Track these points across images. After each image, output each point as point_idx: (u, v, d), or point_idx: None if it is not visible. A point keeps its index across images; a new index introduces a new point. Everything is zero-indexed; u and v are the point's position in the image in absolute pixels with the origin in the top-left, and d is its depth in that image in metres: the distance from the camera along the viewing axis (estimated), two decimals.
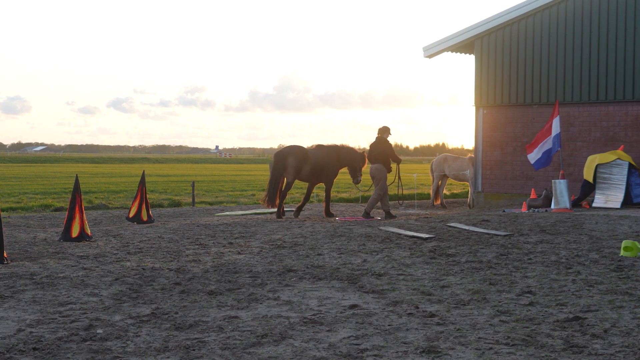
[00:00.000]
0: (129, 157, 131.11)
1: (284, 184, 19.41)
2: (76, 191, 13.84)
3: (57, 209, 23.66)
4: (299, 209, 19.68)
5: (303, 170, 19.39)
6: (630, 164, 20.51)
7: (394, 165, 19.97)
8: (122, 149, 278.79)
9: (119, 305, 7.94)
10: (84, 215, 13.74)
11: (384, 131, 19.67)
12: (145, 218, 17.35)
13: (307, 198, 20.16)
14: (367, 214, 18.85)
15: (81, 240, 13.36)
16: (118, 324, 7.08)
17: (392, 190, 21.49)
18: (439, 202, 26.36)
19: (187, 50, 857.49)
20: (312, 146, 20.25)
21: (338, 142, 20.27)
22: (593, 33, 22.86)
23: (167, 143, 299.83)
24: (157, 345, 6.33)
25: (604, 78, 22.65)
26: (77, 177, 14.34)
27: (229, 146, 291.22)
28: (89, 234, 13.69)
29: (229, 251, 11.99)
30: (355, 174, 20.02)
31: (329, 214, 19.35)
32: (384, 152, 19.33)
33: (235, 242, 13.14)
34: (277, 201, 19.20)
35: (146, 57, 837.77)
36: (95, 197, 30.06)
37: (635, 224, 14.66)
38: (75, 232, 13.48)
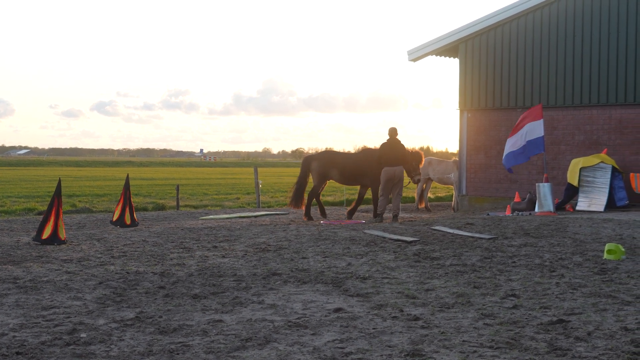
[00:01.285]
0: (113, 161, 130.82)
1: (313, 187, 20.47)
2: (57, 194, 13.78)
3: (40, 213, 23.54)
4: (352, 212, 20.48)
5: (332, 174, 20.30)
6: (613, 168, 20.61)
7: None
8: (106, 152, 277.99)
9: (102, 309, 7.90)
10: (61, 219, 13.65)
11: (396, 132, 19.55)
12: (128, 222, 17.31)
13: (359, 201, 20.82)
14: (395, 217, 18.97)
15: (52, 243, 13.30)
16: (102, 328, 7.05)
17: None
18: (423, 205, 26.38)
19: (171, 53, 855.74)
20: (358, 149, 20.92)
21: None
22: (577, 37, 22.96)
23: (151, 146, 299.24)
24: (141, 349, 6.31)
25: (588, 82, 22.75)
26: (59, 180, 14.28)
27: (213, 149, 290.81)
28: (63, 238, 13.60)
29: (214, 255, 11.97)
30: (411, 173, 20.01)
31: (375, 215, 19.49)
32: (403, 154, 19.30)
33: (220, 245, 13.11)
34: (304, 203, 20.46)
35: (130, 60, 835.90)
36: (79, 201, 29.96)
37: (618, 227, 14.73)
38: (46, 234, 13.44)
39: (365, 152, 20.73)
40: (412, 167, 19.87)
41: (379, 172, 19.39)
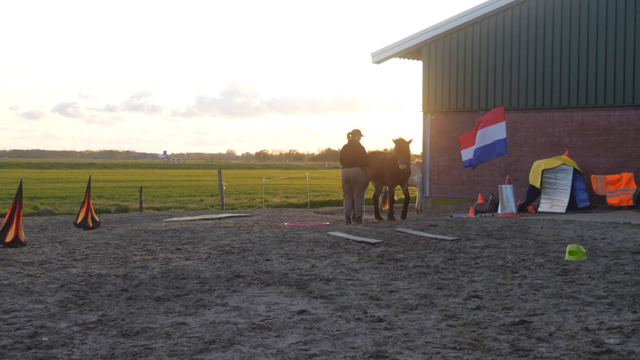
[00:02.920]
0: (75, 163, 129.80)
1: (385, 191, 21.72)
2: (17, 197, 13.66)
3: (1, 215, 23.32)
4: (391, 213, 20.93)
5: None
6: (575, 169, 20.81)
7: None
8: (68, 154, 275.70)
9: (64, 312, 7.84)
10: (21, 221, 13.56)
11: (357, 134, 19.79)
12: (91, 224, 17.20)
13: (391, 201, 21.70)
14: (359, 220, 19.10)
15: (15, 246, 13.18)
16: (64, 332, 6.99)
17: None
18: (387, 207, 26.45)
19: (133, 54, 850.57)
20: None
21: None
22: (539, 40, 23.16)
23: (114, 148, 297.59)
24: (104, 353, 6.26)
25: (550, 84, 22.95)
26: (21, 182, 14.15)
27: (177, 151, 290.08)
28: (23, 240, 13.50)
29: (177, 257, 11.92)
30: (396, 161, 20.74)
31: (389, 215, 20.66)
32: (362, 155, 19.51)
33: (183, 247, 13.06)
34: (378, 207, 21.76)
35: (91, 61, 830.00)
36: (41, 203, 29.67)
37: (579, 229, 14.87)
38: (9, 237, 13.32)
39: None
40: (397, 155, 20.16)
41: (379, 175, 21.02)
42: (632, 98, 21.64)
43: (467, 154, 20.95)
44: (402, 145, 20.32)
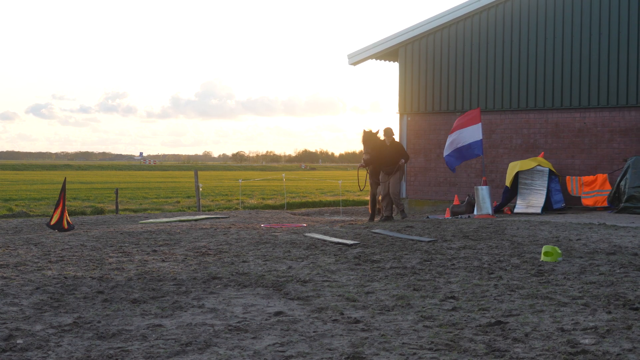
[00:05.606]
0: (50, 164, 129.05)
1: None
2: None
3: None
4: (403, 213, 20.17)
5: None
6: (550, 171, 20.93)
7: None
8: (43, 155, 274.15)
9: (40, 315, 7.79)
10: None
11: (390, 133, 19.54)
12: (66, 226, 17.11)
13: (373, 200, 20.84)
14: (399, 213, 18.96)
15: None
16: (39, 334, 6.94)
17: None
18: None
19: (107, 55, 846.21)
20: None
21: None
22: (514, 42, 23.28)
23: (89, 150, 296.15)
24: (79, 355, 6.23)
25: (525, 86, 23.08)
26: None
27: (153, 153, 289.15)
28: None
29: (153, 259, 11.87)
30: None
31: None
32: (400, 153, 19.49)
33: (160, 249, 13.01)
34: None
35: (65, 62, 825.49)
36: (16, 205, 29.50)
37: (555, 230, 14.95)
38: None
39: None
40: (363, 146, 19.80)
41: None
42: (607, 100, 21.80)
43: (448, 156, 20.98)
44: (367, 137, 19.81)
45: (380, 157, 19.31)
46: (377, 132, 19.69)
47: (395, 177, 19.26)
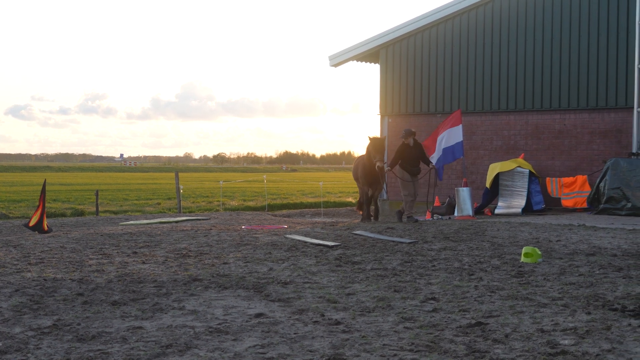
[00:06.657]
0: (30, 166, 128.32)
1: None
2: None
3: None
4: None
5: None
6: (530, 172, 21.03)
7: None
8: (23, 157, 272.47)
9: (19, 317, 7.74)
10: None
11: (410, 135, 19.50)
12: (46, 228, 17.03)
13: (367, 202, 20.82)
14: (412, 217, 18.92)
15: None
16: (18, 337, 6.91)
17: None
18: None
19: (87, 56, 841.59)
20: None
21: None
22: (494, 44, 23.37)
23: (69, 151, 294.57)
24: (59, 358, 6.20)
25: (505, 88, 23.17)
26: None
27: (133, 154, 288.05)
28: None
29: (134, 261, 11.83)
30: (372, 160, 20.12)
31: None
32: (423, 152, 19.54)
33: (140, 251, 12.97)
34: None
35: (44, 63, 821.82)
36: None
37: (535, 231, 15.02)
38: None
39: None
40: (372, 152, 19.68)
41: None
42: (587, 102, 21.91)
43: (435, 159, 20.97)
44: (377, 143, 19.69)
45: (405, 158, 19.36)
46: (384, 139, 19.89)
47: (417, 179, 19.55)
